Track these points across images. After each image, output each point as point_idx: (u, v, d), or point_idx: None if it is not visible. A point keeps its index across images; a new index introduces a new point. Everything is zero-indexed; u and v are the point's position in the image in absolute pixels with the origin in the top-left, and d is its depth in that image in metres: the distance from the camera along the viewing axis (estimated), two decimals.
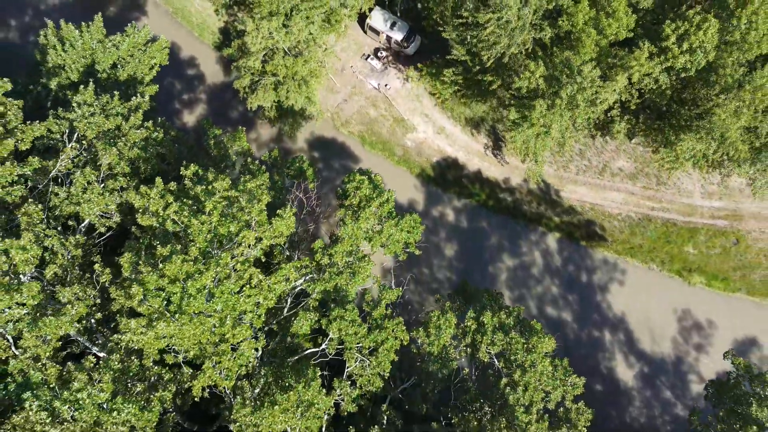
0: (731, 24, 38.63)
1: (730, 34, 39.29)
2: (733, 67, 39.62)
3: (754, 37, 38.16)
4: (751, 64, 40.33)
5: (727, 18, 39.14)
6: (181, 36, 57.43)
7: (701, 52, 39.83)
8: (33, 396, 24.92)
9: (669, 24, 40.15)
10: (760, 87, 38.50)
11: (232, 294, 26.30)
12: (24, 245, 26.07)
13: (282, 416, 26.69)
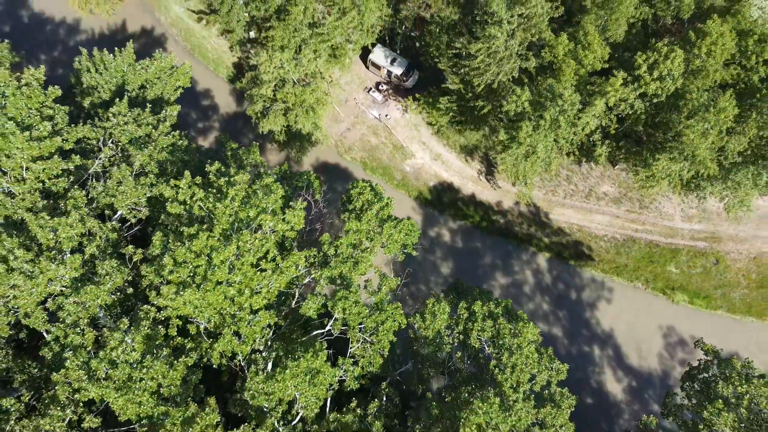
0: (694, 54, 43.74)
1: (693, 63, 44.34)
2: (699, 92, 44.52)
3: (713, 66, 43.18)
4: (714, 90, 45.21)
5: (690, 49, 44.29)
6: (198, 70, 62.72)
7: (670, 79, 44.90)
8: (73, 356, 28.37)
9: (640, 54, 45.34)
10: (723, 110, 43.21)
11: (251, 266, 30.08)
12: (71, 223, 30.08)
13: (292, 381, 30.01)
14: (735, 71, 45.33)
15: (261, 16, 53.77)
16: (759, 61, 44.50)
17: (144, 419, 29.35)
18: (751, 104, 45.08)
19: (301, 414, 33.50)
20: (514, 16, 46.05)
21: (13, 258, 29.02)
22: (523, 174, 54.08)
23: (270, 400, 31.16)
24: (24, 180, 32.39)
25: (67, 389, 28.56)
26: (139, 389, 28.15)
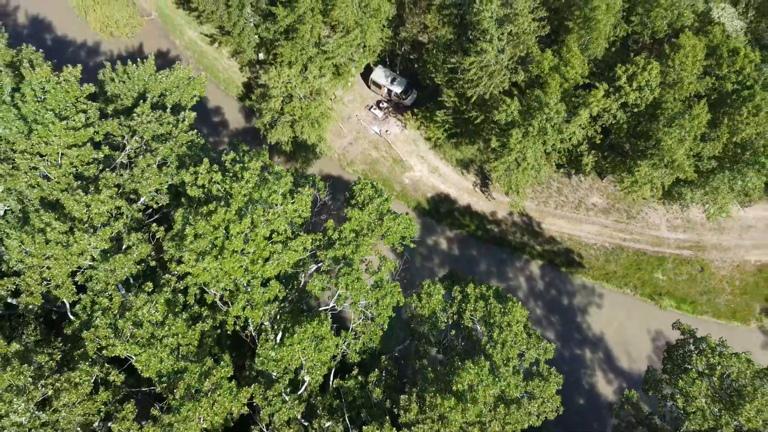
0: (668, 65, 48.18)
1: (669, 75, 48.75)
2: (674, 102, 48.79)
3: (687, 77, 47.59)
4: (689, 100, 49.49)
5: (666, 62, 48.76)
6: (210, 89, 67.26)
7: (648, 90, 49.26)
8: (102, 315, 31.65)
9: (620, 67, 49.84)
10: (697, 116, 47.36)
11: (264, 239, 33.62)
12: (102, 199, 33.76)
13: (299, 345, 33.18)
14: (708, 81, 49.53)
15: (270, 37, 58.57)
16: (731, 70, 48.76)
17: (164, 376, 32.38)
18: (723, 112, 49.20)
19: (307, 381, 36.50)
20: (504, 34, 50.68)
21: (50, 230, 32.58)
22: (516, 183, 57.96)
23: (278, 367, 34.24)
24: (60, 165, 36.19)
25: (95, 346, 31.71)
26: (162, 346, 31.30)
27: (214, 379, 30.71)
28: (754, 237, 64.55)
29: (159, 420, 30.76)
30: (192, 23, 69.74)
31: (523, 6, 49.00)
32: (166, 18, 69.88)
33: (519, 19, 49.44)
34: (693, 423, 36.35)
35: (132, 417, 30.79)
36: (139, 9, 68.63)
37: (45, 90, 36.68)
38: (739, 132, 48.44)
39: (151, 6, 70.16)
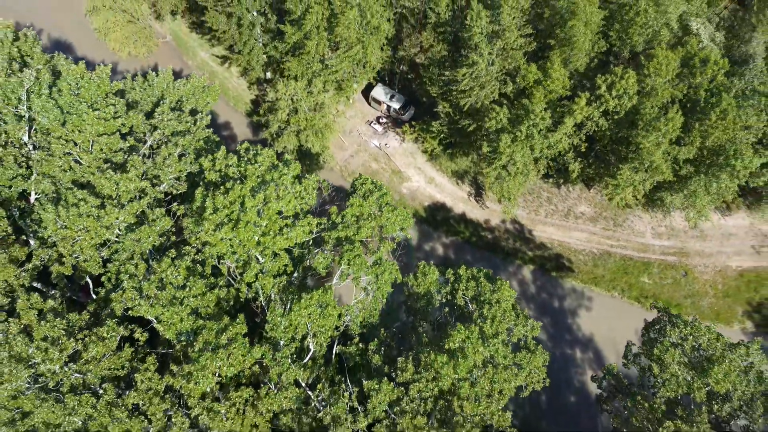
0: (644, 74, 53.14)
1: (645, 83, 53.65)
2: (651, 108, 53.61)
3: (661, 83, 52.49)
4: (665, 105, 54.27)
5: (642, 71, 53.73)
6: (220, 106, 72.59)
7: (626, 97, 54.07)
8: (129, 278, 35.49)
9: (600, 77, 54.80)
10: (671, 119, 52.06)
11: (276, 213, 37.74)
12: (131, 177, 38.05)
13: (306, 311, 36.92)
14: (683, 88, 54.34)
15: (277, 55, 63.89)
16: (704, 78, 53.58)
17: (182, 336, 35.94)
18: (696, 118, 53.92)
19: (312, 350, 40.05)
20: (494, 48, 55.85)
21: (84, 204, 36.68)
22: (507, 190, 62.36)
23: (286, 333, 37.87)
24: (91, 151, 40.51)
25: (121, 307, 35.40)
26: (182, 306, 35.02)
27: (230, 333, 34.33)
28: (734, 244, 68.58)
29: (178, 372, 34.25)
30: (204, 45, 75.34)
31: (510, 23, 54.23)
32: (180, 40, 75.51)
33: (507, 34, 54.64)
34: (668, 389, 39.77)
35: (154, 368, 34.24)
36: (154, 32, 74.25)
37: (79, 86, 41.38)
38: (709, 135, 52.99)
39: (165, 30, 75.89)
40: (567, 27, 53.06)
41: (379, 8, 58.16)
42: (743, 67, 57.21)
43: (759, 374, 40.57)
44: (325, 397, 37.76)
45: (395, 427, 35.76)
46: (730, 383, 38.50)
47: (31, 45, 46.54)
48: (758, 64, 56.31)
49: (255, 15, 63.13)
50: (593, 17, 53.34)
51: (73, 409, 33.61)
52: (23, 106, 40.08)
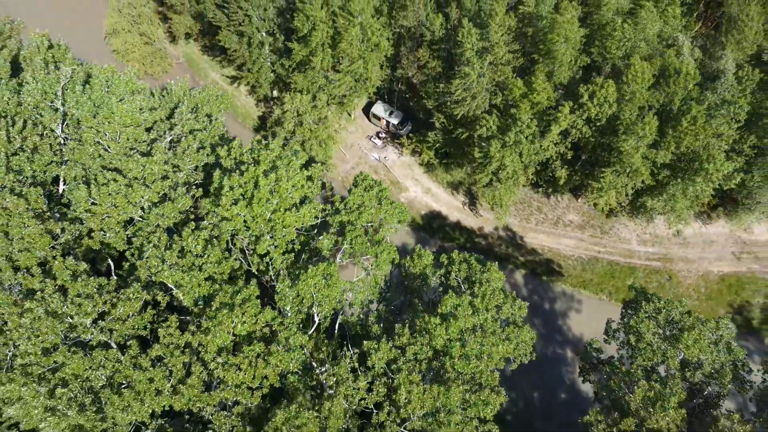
0: (623, 81, 58.58)
1: (624, 90, 59.02)
2: (630, 113, 58.93)
3: (639, 90, 57.83)
4: (642, 111, 59.56)
5: (621, 81, 59.19)
6: (229, 121, 78.10)
7: (607, 105, 59.40)
8: (153, 248, 39.91)
9: (582, 86, 60.29)
10: (648, 123, 57.23)
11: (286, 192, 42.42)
12: (155, 160, 42.84)
13: (312, 280, 41.17)
14: (659, 97, 59.70)
15: (284, 73, 69.68)
16: (677, 87, 58.90)
17: (199, 301, 40.06)
18: (671, 125, 59.12)
19: (317, 321, 44.13)
20: (485, 62, 61.52)
21: (114, 183, 41.38)
22: (499, 197, 67.26)
23: (294, 304, 42.04)
24: (118, 141, 45.40)
25: (146, 272, 39.66)
26: (201, 271, 39.30)
27: (243, 295, 38.51)
28: (716, 250, 73.08)
29: (196, 330, 38.29)
30: (215, 67, 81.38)
31: (498, 39, 60.03)
32: (192, 62, 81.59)
33: (495, 49, 60.37)
34: (644, 358, 43.70)
35: (175, 326, 38.22)
36: (169, 53, 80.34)
37: (109, 83, 46.66)
38: (682, 141, 58.09)
39: (179, 52, 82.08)
40: (548, 42, 58.78)
41: (379, 27, 64.15)
42: (715, 82, 62.73)
43: (728, 345, 44.56)
44: (328, 361, 41.66)
45: (392, 383, 39.61)
46: (699, 349, 42.47)
47: (63, 52, 52.11)
48: (728, 78, 61.84)
49: (264, 35, 69.18)
50: (573, 34, 59.09)
51: (100, 363, 37.58)
52: (59, 101, 45.21)
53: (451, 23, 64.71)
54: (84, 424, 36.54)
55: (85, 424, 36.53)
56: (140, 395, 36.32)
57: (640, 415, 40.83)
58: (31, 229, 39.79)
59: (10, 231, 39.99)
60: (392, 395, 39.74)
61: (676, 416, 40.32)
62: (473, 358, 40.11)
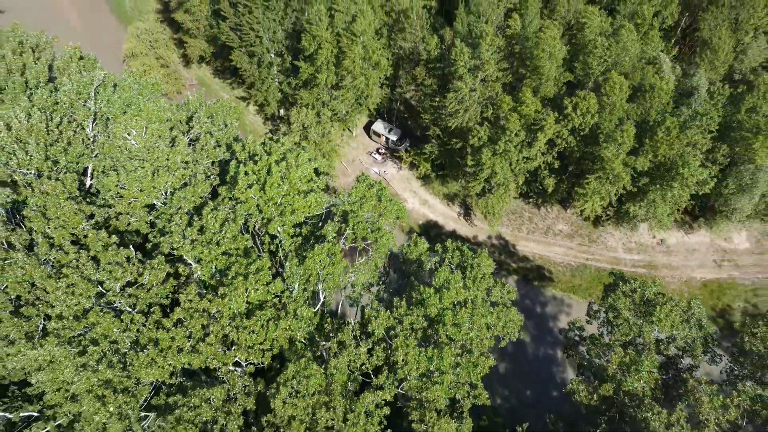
0: (602, 93, 64.61)
1: (604, 102, 65.01)
2: (609, 122, 64.81)
3: (617, 101, 63.82)
4: (622, 121, 65.43)
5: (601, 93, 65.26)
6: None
7: (589, 115, 65.30)
8: (176, 226, 44.96)
9: (567, 99, 66.32)
10: (626, 131, 62.97)
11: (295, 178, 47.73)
12: (179, 150, 48.34)
13: (318, 258, 46.07)
14: (636, 110, 65.67)
15: (290, 92, 75.98)
16: (652, 102, 64.91)
17: (216, 274, 44.82)
18: (648, 136, 64.92)
19: (322, 299, 48.84)
20: (476, 79, 67.75)
21: (141, 169, 46.73)
22: (491, 206, 72.68)
23: (301, 281, 46.86)
24: (144, 136, 50.91)
25: (168, 246, 44.58)
26: (218, 246, 44.27)
27: (257, 265, 43.36)
28: (698, 258, 78.06)
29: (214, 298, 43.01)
30: (225, 89, 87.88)
31: (488, 57, 66.38)
32: (204, 84, 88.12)
33: (486, 66, 66.66)
34: (621, 332, 48.25)
35: (195, 293, 42.87)
36: (183, 75, 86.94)
37: (138, 85, 52.61)
38: (659, 149, 63.76)
39: (192, 75, 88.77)
40: (534, 58, 65.12)
41: (379, 47, 70.66)
42: (690, 98, 68.83)
43: (699, 322, 49.14)
44: (332, 332, 46.25)
45: (391, 348, 44.12)
46: (672, 324, 47.08)
47: (93, 62, 58.27)
48: (701, 93, 67.96)
49: (273, 56, 75.74)
50: (556, 51, 65.44)
51: (127, 326, 42.20)
52: (91, 101, 50.98)
53: (446, 44, 71.22)
54: (112, 378, 40.93)
55: (113, 378, 40.92)
56: (163, 352, 40.80)
57: (616, 379, 45.20)
58: (66, 209, 44.92)
59: (47, 211, 45.11)
60: (390, 359, 44.20)
61: (650, 379, 44.71)
62: (464, 325, 44.67)
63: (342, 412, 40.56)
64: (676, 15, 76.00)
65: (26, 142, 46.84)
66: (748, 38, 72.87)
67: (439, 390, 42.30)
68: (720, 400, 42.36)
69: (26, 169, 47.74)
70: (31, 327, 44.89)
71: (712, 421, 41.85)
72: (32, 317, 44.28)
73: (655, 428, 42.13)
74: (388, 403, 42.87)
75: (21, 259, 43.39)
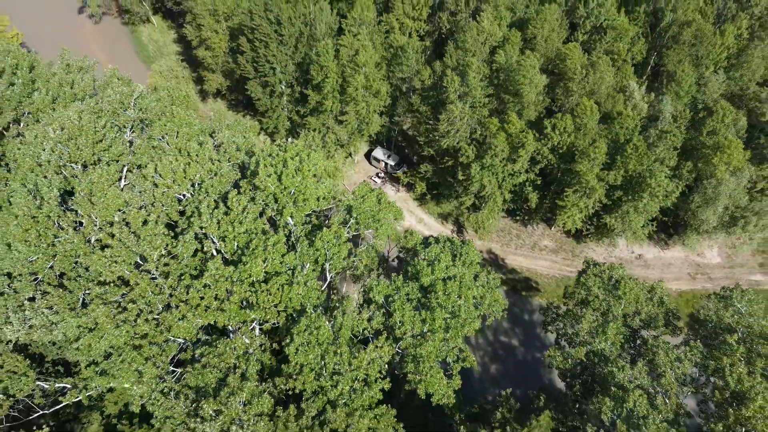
0: (576, 114, 74.11)
1: (579, 122, 74.50)
2: (584, 141, 74.10)
3: (588, 122, 73.29)
4: (594, 139, 74.69)
5: (575, 115, 74.75)
6: None
7: (566, 134, 74.64)
8: (205, 207, 53.18)
9: (546, 120, 75.83)
10: (598, 147, 72.12)
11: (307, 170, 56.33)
12: (209, 147, 57.16)
13: (327, 237, 54.06)
14: (607, 132, 75.08)
15: (298, 120, 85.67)
16: (621, 126, 74.37)
17: (237, 250, 52.57)
18: (618, 153, 74.06)
19: (329, 279, 56.53)
20: (465, 104, 77.46)
21: (176, 161, 55.31)
22: (482, 221, 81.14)
23: (311, 259, 54.71)
24: (176, 137, 59.78)
25: (198, 224, 52.59)
26: (241, 225, 52.34)
27: (273, 239, 51.31)
28: (673, 271, 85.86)
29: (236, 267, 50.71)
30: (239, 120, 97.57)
31: (475, 84, 76.28)
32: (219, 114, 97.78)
33: (473, 92, 76.47)
34: (593, 307, 55.74)
35: (220, 262, 50.55)
36: (200, 108, 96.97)
37: (172, 96, 61.97)
38: (628, 164, 72.77)
39: (208, 108, 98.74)
40: (516, 83, 75.04)
41: (379, 77, 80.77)
42: (657, 121, 78.45)
43: (660, 299, 56.72)
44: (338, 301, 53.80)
45: (389, 314, 51.57)
46: (636, 299, 54.70)
47: (128, 82, 67.89)
48: (666, 117, 77.58)
49: (284, 87, 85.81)
50: (536, 78, 75.40)
51: (161, 289, 49.80)
52: (131, 108, 60.17)
53: (437, 75, 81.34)
54: (148, 332, 48.24)
55: (149, 332, 48.24)
56: (193, 309, 48.26)
57: (587, 342, 52.46)
58: (109, 194, 53.25)
59: (93, 197, 53.41)
60: (389, 323, 51.58)
61: (616, 341, 51.99)
62: (453, 294, 52.24)
63: (347, 357, 47.68)
64: (644, 52, 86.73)
65: (77, 138, 55.64)
66: (708, 72, 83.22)
67: (431, 346, 49.52)
68: (675, 354, 49.59)
69: (74, 163, 56.36)
70: (73, 299, 52.51)
71: (669, 372, 48.89)
72: (74, 290, 51.99)
73: (620, 380, 49.13)
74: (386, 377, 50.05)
75: (70, 235, 51.46)
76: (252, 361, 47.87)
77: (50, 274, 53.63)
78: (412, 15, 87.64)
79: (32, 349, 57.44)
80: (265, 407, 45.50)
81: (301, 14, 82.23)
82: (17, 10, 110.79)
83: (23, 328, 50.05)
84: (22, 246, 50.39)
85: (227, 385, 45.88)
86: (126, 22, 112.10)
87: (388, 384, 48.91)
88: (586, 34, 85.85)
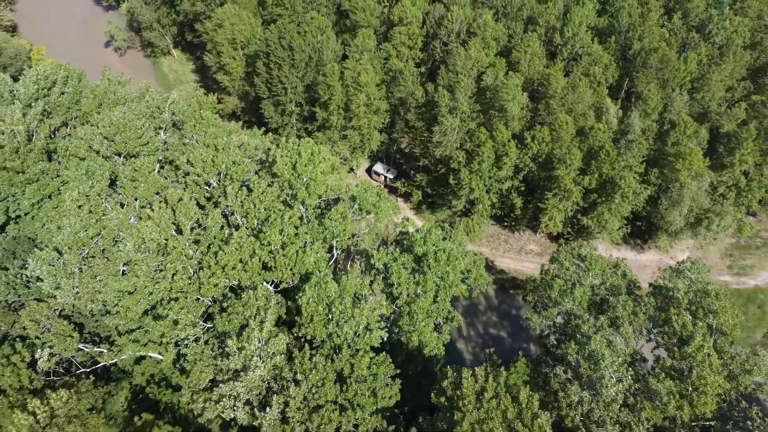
0: (554, 127, 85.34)
1: (555, 133, 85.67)
2: (560, 149, 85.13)
3: (564, 135, 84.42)
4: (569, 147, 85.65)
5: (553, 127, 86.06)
6: None
7: (544, 144, 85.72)
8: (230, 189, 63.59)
9: (527, 132, 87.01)
10: (574, 154, 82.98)
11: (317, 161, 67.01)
12: (232, 141, 68.04)
13: (334, 217, 64.34)
14: (582, 145, 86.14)
15: (305, 136, 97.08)
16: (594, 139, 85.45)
17: (257, 225, 62.70)
18: (592, 160, 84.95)
19: (335, 255, 66.50)
20: (456, 119, 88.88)
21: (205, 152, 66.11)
22: (473, 225, 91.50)
23: (320, 237, 64.85)
24: (204, 137, 70.75)
25: (225, 203, 62.87)
26: (261, 203, 62.66)
27: (289, 213, 61.57)
28: (648, 273, 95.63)
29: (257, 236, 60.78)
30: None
31: (463, 99, 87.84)
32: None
33: (462, 107, 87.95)
34: (564, 279, 65.55)
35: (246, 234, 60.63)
36: None
37: (201, 104, 73.44)
38: (601, 167, 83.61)
39: None
40: (501, 99, 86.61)
41: (379, 96, 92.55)
42: (627, 134, 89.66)
43: (623, 272, 66.54)
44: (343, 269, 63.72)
45: (388, 279, 61.44)
46: (600, 267, 64.58)
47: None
48: (635, 129, 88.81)
49: (294, 106, 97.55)
50: (519, 97, 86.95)
51: (194, 254, 59.85)
52: (165, 113, 71.40)
53: (430, 94, 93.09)
54: (183, 286, 58.04)
55: (184, 287, 58.04)
56: (221, 268, 58.18)
57: (557, 302, 62.10)
58: (150, 178, 63.87)
59: (136, 182, 64.01)
60: (387, 284, 61.37)
61: (583, 300, 61.66)
62: (442, 262, 62.12)
63: (350, 309, 57.26)
64: (616, 75, 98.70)
65: (122, 133, 66.58)
66: (675, 93, 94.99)
67: (423, 302, 59.18)
68: (630, 308, 59.25)
69: (117, 155, 67.17)
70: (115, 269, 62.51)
71: (626, 325, 58.38)
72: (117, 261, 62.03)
73: (585, 331, 58.59)
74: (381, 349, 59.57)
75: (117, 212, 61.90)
76: (270, 310, 57.52)
77: (96, 248, 63.71)
78: (409, 44, 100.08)
79: (74, 319, 66.87)
80: (280, 346, 54.89)
81: (310, 42, 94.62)
82: (53, 43, 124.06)
83: (72, 294, 59.62)
84: (73, 219, 60.55)
85: (248, 326, 55.46)
86: (148, 54, 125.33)
87: (385, 333, 58.44)
88: (564, 61, 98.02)
